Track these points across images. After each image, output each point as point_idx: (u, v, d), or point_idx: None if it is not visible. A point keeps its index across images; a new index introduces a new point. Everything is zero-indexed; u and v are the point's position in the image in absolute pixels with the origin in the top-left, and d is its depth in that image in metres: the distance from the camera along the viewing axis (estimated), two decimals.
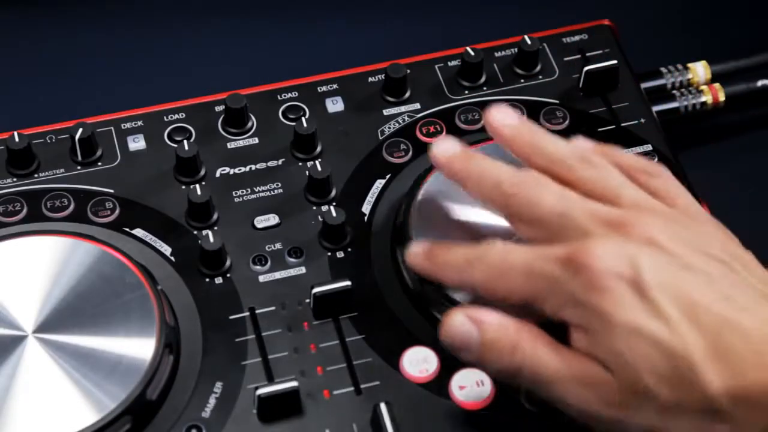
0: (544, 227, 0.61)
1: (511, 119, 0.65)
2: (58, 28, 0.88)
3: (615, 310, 0.57)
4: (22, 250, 0.67)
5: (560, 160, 0.63)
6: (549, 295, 0.59)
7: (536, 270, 0.59)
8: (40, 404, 0.62)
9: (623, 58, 0.79)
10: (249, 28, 0.89)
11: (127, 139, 0.75)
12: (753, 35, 0.87)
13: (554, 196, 0.61)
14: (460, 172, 0.64)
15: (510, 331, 0.60)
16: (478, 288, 0.61)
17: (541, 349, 0.59)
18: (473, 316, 0.61)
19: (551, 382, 0.59)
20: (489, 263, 0.61)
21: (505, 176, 0.63)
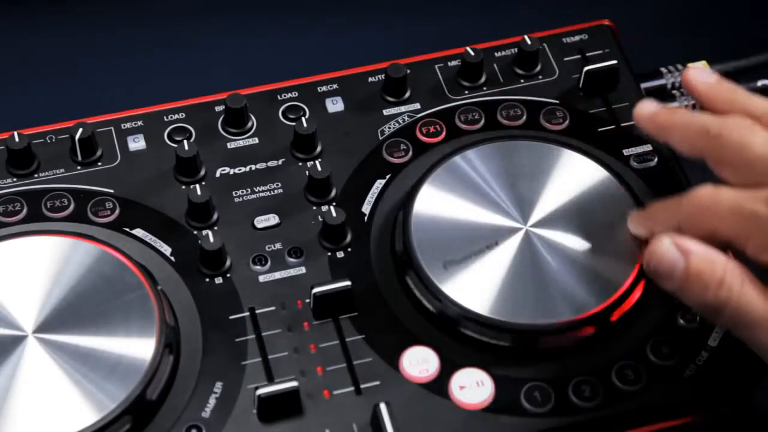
0: (753, 170, 0.61)
1: (708, 77, 0.67)
2: (58, 27, 0.88)
3: None
4: (22, 250, 0.67)
5: (762, 113, 0.63)
6: (753, 236, 0.58)
7: (745, 209, 0.59)
8: (40, 404, 0.62)
9: (623, 58, 0.79)
10: (249, 28, 0.89)
11: (127, 139, 0.75)
12: (753, 35, 0.87)
13: (763, 139, 0.61)
14: (666, 123, 0.65)
15: (718, 264, 0.59)
16: (683, 223, 0.61)
17: (749, 289, 0.59)
18: (681, 243, 0.60)
19: (755, 326, 0.58)
20: (698, 199, 0.61)
21: (712, 122, 0.63)
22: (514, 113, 0.76)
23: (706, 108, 0.66)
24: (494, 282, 0.66)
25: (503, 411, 0.65)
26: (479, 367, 0.66)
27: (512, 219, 0.69)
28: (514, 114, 0.76)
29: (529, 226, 0.68)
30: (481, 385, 0.65)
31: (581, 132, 0.75)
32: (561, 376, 0.66)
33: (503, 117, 0.75)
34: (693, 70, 0.67)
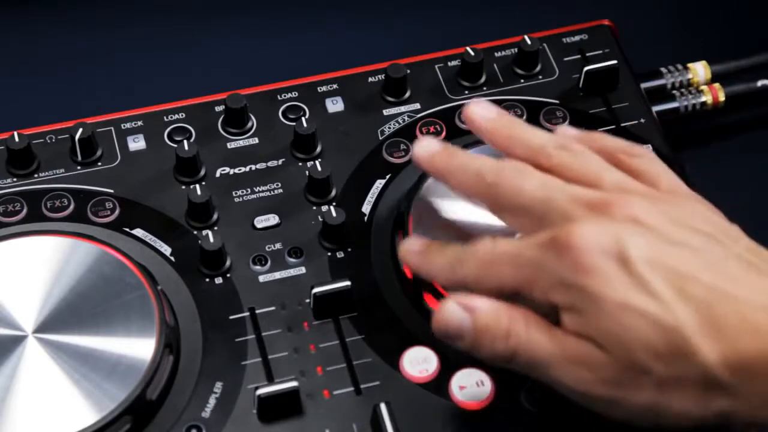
0: (528, 215, 0.61)
1: (488, 112, 0.66)
2: (58, 28, 0.88)
3: (603, 289, 0.57)
4: (22, 250, 0.67)
5: (540, 148, 0.63)
6: (536, 281, 0.59)
7: (522, 257, 0.59)
8: (40, 404, 0.62)
9: (623, 58, 0.79)
10: (249, 28, 0.89)
11: (127, 139, 0.75)
12: (753, 35, 0.87)
13: (536, 183, 0.61)
14: (442, 169, 0.65)
15: (502, 315, 0.60)
16: (468, 284, 0.61)
17: (535, 332, 0.59)
18: (465, 303, 0.60)
19: (546, 365, 0.59)
20: (478, 258, 0.61)
21: (487, 167, 0.63)
22: (515, 113, 0.76)
23: (489, 143, 0.66)
24: None
25: (503, 411, 0.65)
26: (479, 367, 0.66)
27: None
28: (514, 114, 0.76)
29: None
30: (481, 385, 0.65)
31: None
32: None
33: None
34: (473, 106, 0.66)
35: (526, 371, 0.60)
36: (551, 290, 0.58)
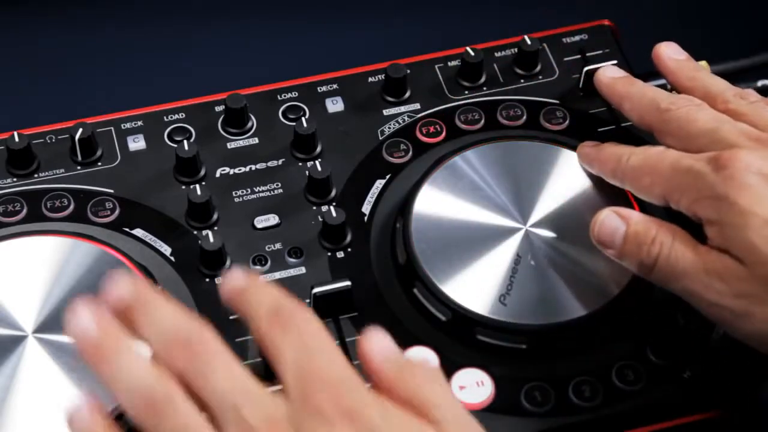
0: (695, 143, 0.64)
1: (676, 53, 0.71)
2: (58, 28, 0.88)
3: (753, 205, 0.60)
4: (22, 250, 0.67)
5: (719, 92, 0.68)
6: (689, 189, 0.62)
7: (684, 164, 0.63)
8: (40, 404, 0.62)
9: (623, 58, 0.79)
10: (249, 28, 0.89)
11: (127, 139, 0.75)
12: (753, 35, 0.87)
13: (708, 115, 0.65)
14: (622, 92, 0.70)
15: (651, 225, 0.64)
16: (627, 178, 0.66)
17: (679, 243, 0.62)
18: (621, 212, 0.65)
19: (685, 275, 0.62)
20: (645, 155, 0.65)
21: (664, 96, 0.68)
22: (514, 113, 0.76)
23: (671, 82, 0.71)
24: (493, 282, 0.66)
25: (503, 411, 0.65)
26: (479, 367, 0.66)
27: (512, 219, 0.69)
28: (514, 114, 0.76)
29: (529, 226, 0.68)
30: (481, 385, 0.65)
31: (581, 132, 0.75)
32: (561, 376, 0.66)
33: (503, 117, 0.76)
34: (665, 45, 0.71)
35: (664, 281, 0.63)
36: (700, 201, 0.62)
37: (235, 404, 0.52)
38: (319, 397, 0.52)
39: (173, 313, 0.55)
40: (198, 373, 0.53)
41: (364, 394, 0.53)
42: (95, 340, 0.54)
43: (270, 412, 0.52)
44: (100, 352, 0.55)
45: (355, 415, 0.51)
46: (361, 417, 0.51)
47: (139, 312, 0.55)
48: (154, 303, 0.56)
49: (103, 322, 0.55)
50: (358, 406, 0.52)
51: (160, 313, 0.55)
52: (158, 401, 0.53)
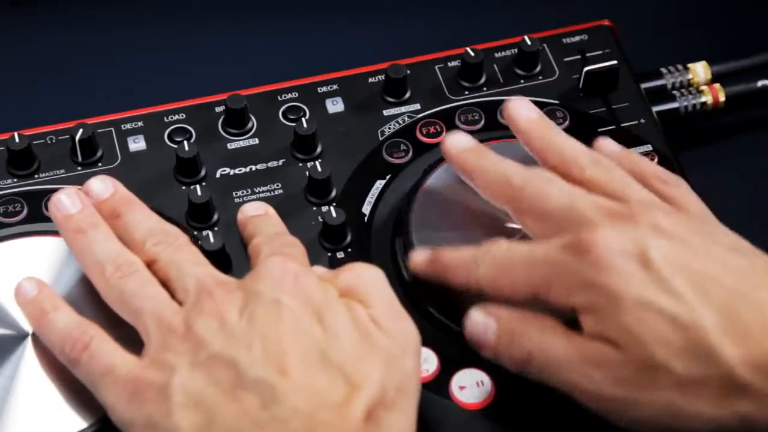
0: (551, 220, 0.62)
1: (530, 112, 0.67)
2: (58, 28, 0.88)
3: (622, 286, 0.57)
4: (22, 250, 0.67)
5: (572, 159, 0.64)
6: (555, 282, 0.59)
7: (540, 258, 0.60)
8: (41, 404, 0.62)
9: (623, 58, 0.79)
10: (249, 28, 0.89)
11: (128, 139, 0.75)
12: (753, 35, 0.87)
13: (562, 192, 0.62)
14: (470, 166, 0.66)
15: (521, 319, 0.61)
16: (483, 286, 0.62)
17: (551, 336, 0.60)
18: (489, 310, 0.62)
19: (561, 367, 0.59)
20: (493, 259, 0.62)
21: (515, 171, 0.64)
22: None
23: (523, 142, 0.67)
24: None
25: (503, 411, 0.65)
26: (479, 367, 0.66)
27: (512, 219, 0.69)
28: None
29: None
30: (481, 385, 0.65)
31: (581, 132, 0.75)
32: None
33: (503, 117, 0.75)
34: (517, 102, 0.68)
35: (541, 376, 0.60)
36: (570, 291, 0.59)
37: (197, 274, 0.61)
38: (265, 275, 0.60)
39: (152, 213, 0.65)
40: (170, 259, 0.62)
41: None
42: (73, 215, 0.64)
43: (223, 279, 0.61)
44: (76, 225, 0.63)
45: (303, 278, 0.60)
46: (307, 283, 0.60)
47: (122, 205, 0.65)
48: (135, 201, 0.66)
49: (81, 202, 0.64)
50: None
51: (141, 209, 0.65)
52: (124, 264, 0.61)
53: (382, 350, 0.58)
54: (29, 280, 0.63)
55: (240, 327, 0.57)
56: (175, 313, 0.59)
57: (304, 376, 0.55)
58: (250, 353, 0.56)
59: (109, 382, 0.58)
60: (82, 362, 0.59)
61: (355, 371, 0.56)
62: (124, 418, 0.57)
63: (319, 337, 0.57)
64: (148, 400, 0.56)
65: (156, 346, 0.58)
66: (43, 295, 0.62)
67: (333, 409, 0.55)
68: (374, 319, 0.59)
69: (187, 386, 0.56)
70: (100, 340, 0.60)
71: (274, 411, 0.54)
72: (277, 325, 0.57)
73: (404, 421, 0.57)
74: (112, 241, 0.63)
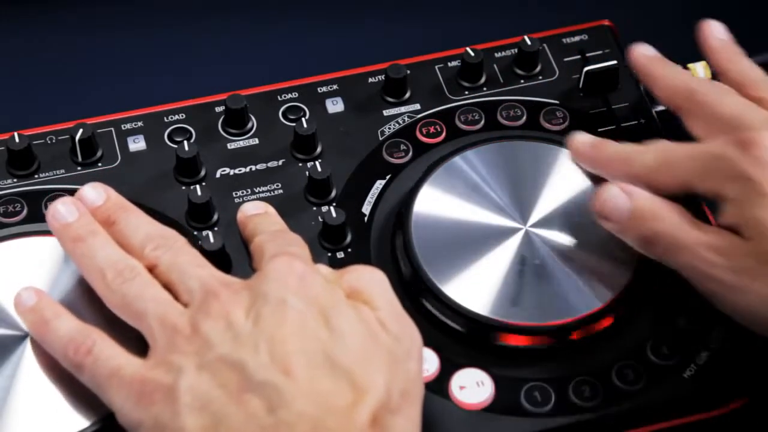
0: (720, 124, 0.66)
1: (722, 34, 0.73)
2: (59, 28, 0.88)
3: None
4: (22, 250, 0.67)
5: (752, 79, 0.69)
6: (712, 171, 0.63)
7: (703, 151, 0.64)
8: (41, 404, 0.62)
9: (623, 58, 0.79)
10: (249, 28, 0.89)
11: (128, 139, 0.75)
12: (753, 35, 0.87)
13: (737, 102, 0.67)
14: (655, 71, 0.72)
15: (656, 202, 0.65)
16: (642, 178, 0.66)
17: (682, 221, 0.64)
18: (625, 188, 0.65)
19: (686, 251, 0.63)
20: (657, 151, 0.66)
21: (695, 80, 0.70)
22: (514, 113, 0.76)
23: (710, 60, 0.72)
24: (494, 282, 0.66)
25: (503, 411, 0.65)
26: (479, 367, 0.66)
27: (512, 219, 0.69)
28: (514, 114, 0.76)
29: (529, 226, 0.68)
30: (481, 385, 0.65)
31: None
32: (561, 376, 0.66)
33: (503, 117, 0.76)
34: (712, 24, 0.73)
35: (663, 256, 0.64)
36: (724, 181, 0.63)
37: (201, 275, 0.61)
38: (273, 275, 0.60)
39: (147, 217, 0.66)
40: (171, 262, 0.62)
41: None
42: (71, 224, 0.64)
43: (228, 280, 0.61)
44: (74, 233, 0.64)
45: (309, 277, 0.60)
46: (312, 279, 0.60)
47: (116, 212, 0.65)
48: (129, 206, 0.66)
49: (78, 210, 0.65)
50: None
51: (136, 213, 0.65)
52: (125, 269, 0.61)
53: (388, 353, 0.58)
54: (27, 290, 0.63)
55: (246, 328, 0.57)
56: (180, 315, 0.59)
57: (310, 378, 0.56)
58: (256, 355, 0.56)
59: (115, 384, 0.58)
60: (87, 366, 0.59)
61: (361, 374, 0.56)
62: (132, 419, 0.57)
63: (325, 339, 0.57)
64: (156, 401, 0.56)
65: (162, 347, 0.58)
66: (42, 303, 0.62)
67: (339, 414, 0.55)
68: (381, 321, 0.59)
69: (194, 388, 0.56)
70: (104, 343, 0.60)
71: (280, 415, 0.55)
72: (283, 325, 0.57)
73: (409, 425, 0.57)
74: (111, 247, 0.63)
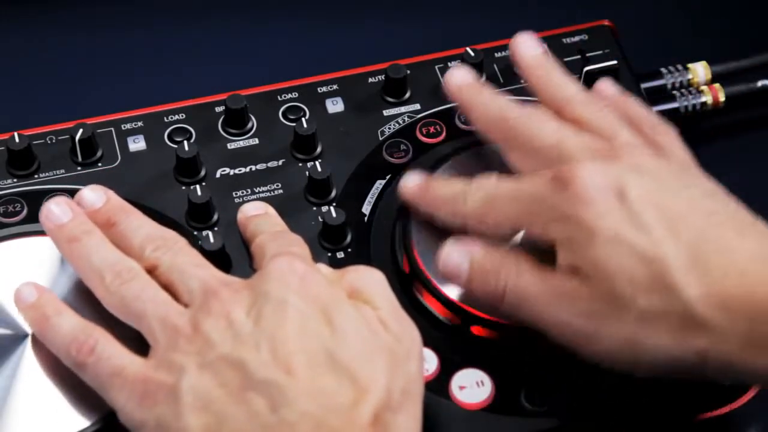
0: (538, 157, 0.64)
1: (533, 49, 0.70)
2: (59, 28, 0.88)
3: (597, 220, 0.59)
4: (22, 250, 0.67)
5: (567, 98, 0.67)
6: (536, 214, 0.61)
7: (524, 192, 0.62)
8: (41, 404, 0.62)
9: (623, 58, 0.79)
10: (249, 28, 0.89)
11: (128, 139, 0.75)
12: (753, 35, 0.87)
13: (552, 129, 0.64)
14: (468, 100, 0.68)
15: (493, 255, 0.63)
16: (468, 219, 0.64)
17: (525, 272, 0.61)
18: (462, 244, 0.64)
19: (533, 304, 0.61)
20: (480, 193, 0.64)
21: (510, 108, 0.66)
22: None
23: (524, 78, 0.70)
24: None
25: (503, 411, 0.65)
26: (479, 367, 0.66)
27: None
28: None
29: None
30: (481, 385, 0.65)
31: None
32: (561, 376, 0.66)
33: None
34: (523, 38, 0.70)
35: (514, 311, 0.62)
36: (549, 224, 0.61)
37: (201, 275, 0.60)
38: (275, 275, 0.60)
39: (147, 218, 0.65)
40: (172, 262, 0.62)
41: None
42: (65, 224, 0.63)
43: (229, 280, 0.61)
44: (69, 233, 0.63)
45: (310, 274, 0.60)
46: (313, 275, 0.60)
47: (116, 214, 0.65)
48: (129, 208, 0.65)
49: (72, 210, 0.64)
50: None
51: (136, 215, 0.65)
52: (123, 270, 0.61)
53: (389, 352, 0.58)
54: (28, 285, 0.63)
55: (247, 327, 0.57)
56: (181, 314, 0.59)
57: (312, 377, 0.56)
58: (257, 354, 0.56)
59: (118, 383, 0.58)
60: (89, 365, 0.59)
61: (363, 373, 0.56)
62: (134, 418, 0.57)
63: (326, 338, 0.57)
64: (158, 401, 0.56)
65: (163, 347, 0.58)
66: (44, 300, 0.62)
67: (341, 413, 0.55)
68: (382, 320, 0.59)
69: (196, 388, 0.56)
70: (106, 342, 0.60)
71: (283, 414, 0.55)
72: (284, 325, 0.57)
73: (410, 423, 0.57)
74: (107, 247, 0.63)
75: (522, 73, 0.70)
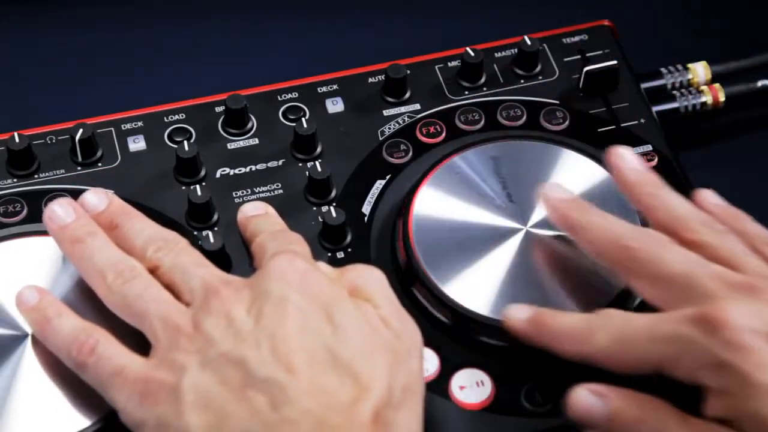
0: (669, 288, 0.59)
1: (635, 163, 0.65)
2: (58, 28, 0.88)
3: (757, 371, 0.55)
4: (22, 250, 0.67)
5: (683, 219, 0.62)
6: (683, 358, 0.57)
7: (665, 332, 0.58)
8: (41, 404, 0.62)
9: (623, 58, 0.79)
10: (248, 28, 0.89)
11: (128, 139, 0.75)
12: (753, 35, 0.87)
13: (678, 256, 0.60)
14: (577, 222, 0.64)
15: (636, 402, 0.59)
16: (600, 359, 0.60)
17: (668, 419, 0.58)
18: (596, 389, 0.60)
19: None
20: (612, 331, 0.59)
21: (625, 231, 0.62)
22: (514, 113, 0.76)
23: (629, 196, 0.65)
24: (494, 282, 0.66)
25: (503, 411, 0.65)
26: (479, 367, 0.66)
27: (512, 219, 0.69)
28: (514, 114, 0.76)
29: (530, 226, 0.68)
30: (481, 385, 0.65)
31: (581, 132, 0.75)
32: (561, 376, 0.66)
33: (503, 117, 0.76)
34: (623, 151, 0.65)
35: None
36: (700, 370, 0.57)
37: (202, 275, 0.61)
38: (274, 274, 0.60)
39: (149, 220, 0.65)
40: (173, 263, 0.62)
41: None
42: (68, 225, 0.64)
43: (229, 278, 0.61)
44: (72, 234, 0.63)
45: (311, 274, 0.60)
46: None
47: (119, 216, 0.65)
48: (131, 210, 0.66)
49: (75, 211, 0.64)
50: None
51: (138, 217, 0.65)
52: (125, 270, 0.61)
53: (390, 349, 0.58)
54: (29, 288, 0.63)
55: (248, 325, 0.57)
56: (182, 313, 0.59)
57: (313, 375, 0.56)
58: (258, 352, 0.56)
59: (119, 383, 0.58)
60: (90, 365, 0.59)
61: (364, 370, 0.56)
62: (135, 418, 0.57)
63: (327, 335, 0.57)
64: (160, 400, 0.57)
65: (165, 346, 0.58)
66: (45, 302, 0.62)
67: (342, 410, 0.55)
68: (382, 318, 0.59)
69: (197, 386, 0.56)
70: (106, 342, 0.60)
71: (284, 412, 0.55)
72: (284, 323, 0.57)
73: (411, 420, 0.57)
74: (110, 248, 0.63)
75: (626, 191, 0.65)
